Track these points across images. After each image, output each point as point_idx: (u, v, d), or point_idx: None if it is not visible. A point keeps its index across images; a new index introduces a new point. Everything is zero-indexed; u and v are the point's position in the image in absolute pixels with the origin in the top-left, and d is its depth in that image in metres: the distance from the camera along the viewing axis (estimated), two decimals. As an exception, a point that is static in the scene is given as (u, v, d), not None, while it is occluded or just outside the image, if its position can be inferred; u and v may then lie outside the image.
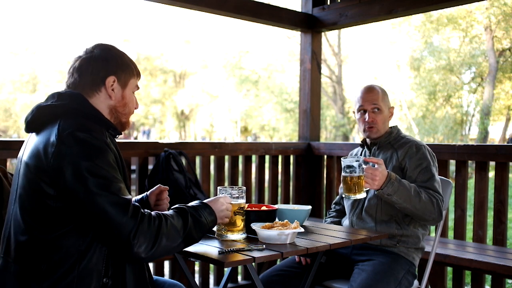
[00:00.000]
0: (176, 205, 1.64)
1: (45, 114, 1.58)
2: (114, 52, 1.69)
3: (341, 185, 2.65)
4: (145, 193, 1.97)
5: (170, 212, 1.58)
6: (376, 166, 2.11)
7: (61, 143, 1.47)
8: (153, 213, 1.51)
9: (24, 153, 1.60)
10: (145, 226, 1.45)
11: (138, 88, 1.76)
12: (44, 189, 1.47)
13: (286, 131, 23.58)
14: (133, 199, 1.94)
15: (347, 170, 2.10)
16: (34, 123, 1.60)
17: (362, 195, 2.11)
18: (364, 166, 2.10)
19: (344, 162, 2.11)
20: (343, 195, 2.16)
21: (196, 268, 3.59)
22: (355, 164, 2.08)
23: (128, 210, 1.45)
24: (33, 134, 1.62)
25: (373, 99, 2.37)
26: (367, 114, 2.37)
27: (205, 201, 1.71)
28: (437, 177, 2.29)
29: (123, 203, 1.45)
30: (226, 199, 1.76)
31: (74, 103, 1.59)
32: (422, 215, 2.18)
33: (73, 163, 1.44)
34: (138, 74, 1.75)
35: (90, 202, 1.43)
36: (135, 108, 1.76)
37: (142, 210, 1.49)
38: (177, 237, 1.52)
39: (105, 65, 1.65)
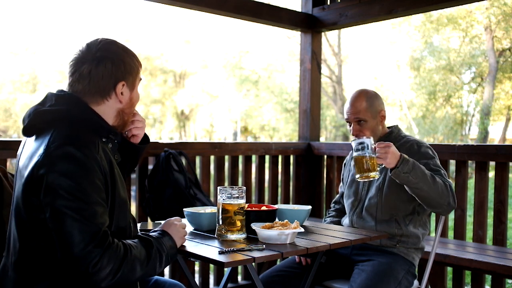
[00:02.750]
0: (141, 234, 1.61)
1: (41, 121, 1.54)
2: (118, 53, 1.63)
3: (341, 184, 2.66)
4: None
5: (136, 242, 1.54)
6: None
7: (48, 155, 1.43)
8: (120, 242, 1.47)
9: (21, 158, 1.58)
10: (109, 256, 1.41)
11: (141, 79, 1.72)
12: (30, 199, 1.46)
13: (286, 131, 23.57)
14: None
15: (359, 148, 2.09)
16: (31, 129, 1.56)
17: (375, 174, 2.09)
18: (374, 145, 2.11)
19: (355, 142, 2.11)
20: (356, 177, 2.12)
21: (196, 268, 3.59)
22: (367, 141, 2.08)
23: (95, 239, 1.40)
24: (29, 138, 1.59)
25: (355, 112, 2.34)
26: (352, 126, 2.37)
27: (162, 226, 1.68)
28: (443, 169, 2.29)
29: (92, 232, 1.40)
30: (177, 219, 1.73)
31: (72, 108, 1.55)
32: (438, 198, 2.14)
33: (54, 178, 1.40)
34: (140, 66, 1.70)
35: (59, 221, 1.39)
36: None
37: (109, 239, 1.44)
38: (139, 270, 1.49)
39: (114, 72, 1.59)
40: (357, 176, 2.11)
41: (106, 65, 1.58)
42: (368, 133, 2.35)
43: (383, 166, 2.14)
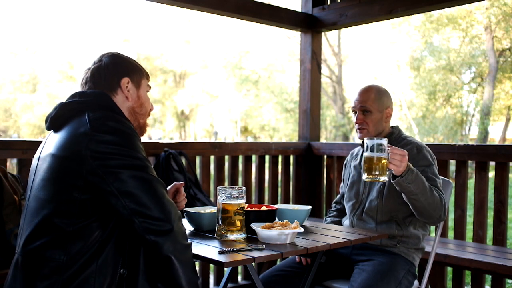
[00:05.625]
0: None
1: (69, 110, 1.60)
2: (122, 57, 1.75)
3: (341, 183, 2.66)
4: None
5: None
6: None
7: (95, 131, 1.48)
8: None
9: (46, 149, 1.60)
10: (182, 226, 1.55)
11: (150, 87, 1.80)
12: (72, 181, 1.46)
13: (286, 131, 23.57)
14: None
15: (378, 149, 1.95)
16: (59, 119, 1.62)
17: (385, 178, 1.99)
18: (389, 148, 2.00)
19: (371, 141, 1.97)
20: (363, 177, 2.01)
21: (196, 268, 3.59)
22: (385, 143, 1.96)
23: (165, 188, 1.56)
24: (54, 132, 1.63)
25: (362, 101, 2.36)
26: (357, 115, 2.38)
27: None
28: (440, 178, 2.28)
29: (164, 185, 1.54)
30: None
31: (99, 99, 1.62)
32: (432, 211, 2.14)
33: (111, 150, 1.47)
34: (147, 75, 1.80)
35: (134, 177, 1.47)
36: (151, 110, 1.80)
37: None
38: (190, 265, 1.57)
39: (117, 69, 1.69)
40: (365, 176, 2.00)
41: (109, 66, 1.70)
42: (371, 125, 2.34)
43: (392, 170, 2.06)
